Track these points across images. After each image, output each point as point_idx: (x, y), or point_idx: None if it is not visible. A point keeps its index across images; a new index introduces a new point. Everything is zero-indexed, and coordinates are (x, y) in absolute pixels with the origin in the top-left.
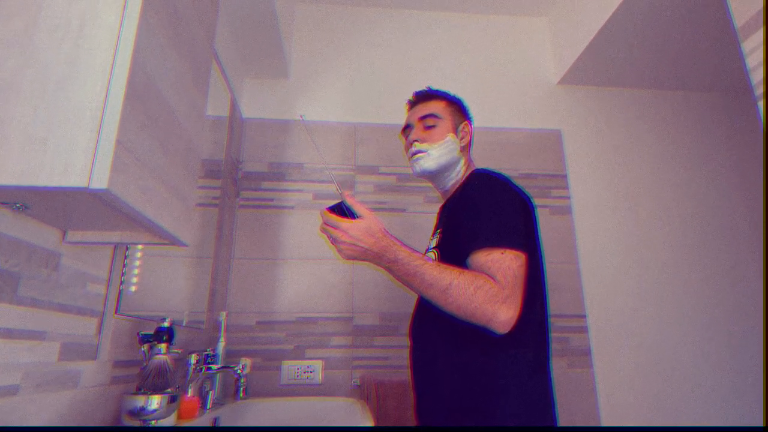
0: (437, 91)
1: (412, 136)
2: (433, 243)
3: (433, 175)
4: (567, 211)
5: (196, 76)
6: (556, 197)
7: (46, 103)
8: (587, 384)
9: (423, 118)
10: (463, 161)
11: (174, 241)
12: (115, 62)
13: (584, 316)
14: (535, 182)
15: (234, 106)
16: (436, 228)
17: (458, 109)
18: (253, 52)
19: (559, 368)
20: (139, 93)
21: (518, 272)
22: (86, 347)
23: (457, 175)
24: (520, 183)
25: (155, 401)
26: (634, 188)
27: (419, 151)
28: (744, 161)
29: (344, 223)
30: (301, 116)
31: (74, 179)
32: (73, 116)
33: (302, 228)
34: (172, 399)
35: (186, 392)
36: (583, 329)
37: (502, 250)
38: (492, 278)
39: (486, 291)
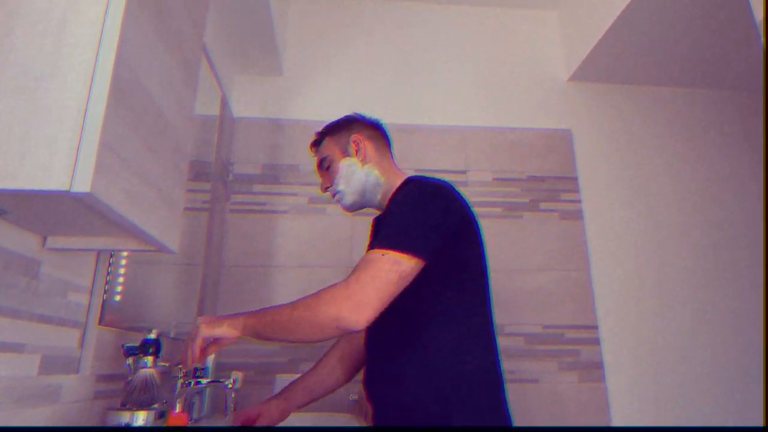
0: (320, 131)
1: (322, 186)
2: None
3: (361, 203)
4: (578, 215)
5: (185, 72)
6: (566, 201)
7: (26, 102)
8: (599, 399)
9: (319, 167)
10: (375, 172)
11: (161, 248)
12: (99, 58)
13: (596, 327)
14: (543, 185)
15: (224, 105)
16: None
17: (338, 131)
18: (244, 48)
19: (569, 382)
20: (124, 91)
21: (385, 273)
22: (68, 360)
23: (379, 188)
24: (528, 185)
25: (141, 417)
26: (648, 191)
27: (335, 193)
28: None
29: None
30: None
31: (55, 182)
32: (55, 115)
33: (297, 234)
34: (159, 415)
35: (173, 408)
36: (595, 341)
37: (384, 251)
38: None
39: (326, 294)
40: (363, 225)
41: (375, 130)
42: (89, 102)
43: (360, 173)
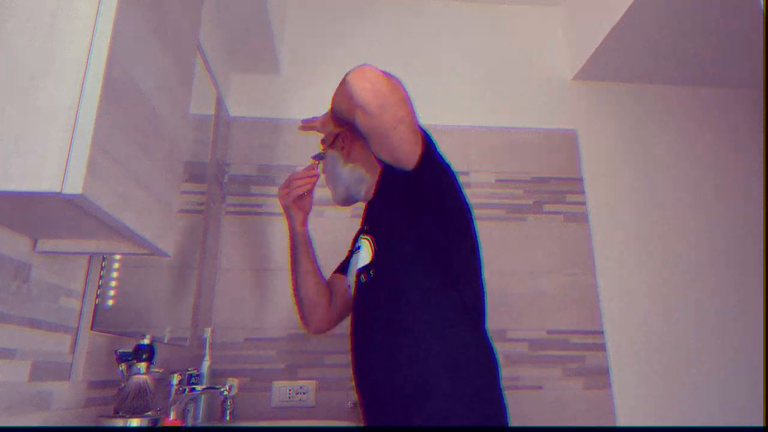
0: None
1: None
2: (362, 235)
3: (345, 197)
4: (583, 218)
5: (180, 71)
6: (571, 203)
7: (17, 102)
8: (605, 406)
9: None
10: (360, 171)
11: (155, 251)
12: (91, 56)
13: (601, 333)
14: (548, 186)
15: (220, 104)
16: (363, 225)
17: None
18: (241, 45)
19: (574, 389)
20: (117, 89)
21: (408, 108)
22: (59, 366)
23: (363, 184)
24: (531, 187)
25: (134, 425)
26: (656, 193)
27: None
28: None
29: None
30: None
31: (46, 184)
32: (46, 115)
33: None
34: (153, 422)
35: (168, 415)
36: (601, 347)
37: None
38: None
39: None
40: None
41: None
42: (81, 101)
43: (342, 169)
